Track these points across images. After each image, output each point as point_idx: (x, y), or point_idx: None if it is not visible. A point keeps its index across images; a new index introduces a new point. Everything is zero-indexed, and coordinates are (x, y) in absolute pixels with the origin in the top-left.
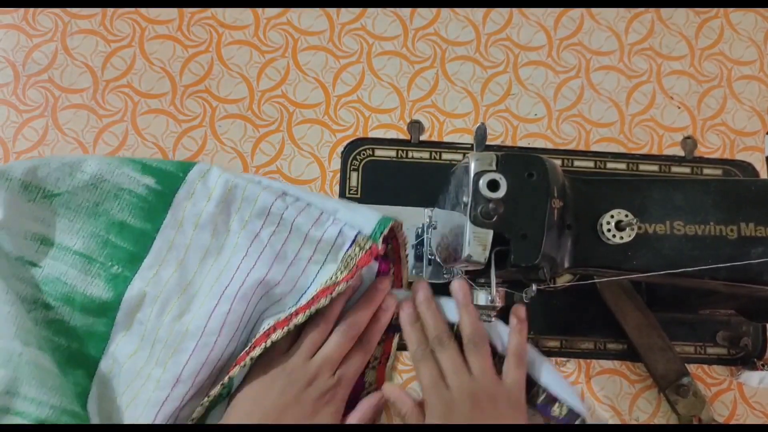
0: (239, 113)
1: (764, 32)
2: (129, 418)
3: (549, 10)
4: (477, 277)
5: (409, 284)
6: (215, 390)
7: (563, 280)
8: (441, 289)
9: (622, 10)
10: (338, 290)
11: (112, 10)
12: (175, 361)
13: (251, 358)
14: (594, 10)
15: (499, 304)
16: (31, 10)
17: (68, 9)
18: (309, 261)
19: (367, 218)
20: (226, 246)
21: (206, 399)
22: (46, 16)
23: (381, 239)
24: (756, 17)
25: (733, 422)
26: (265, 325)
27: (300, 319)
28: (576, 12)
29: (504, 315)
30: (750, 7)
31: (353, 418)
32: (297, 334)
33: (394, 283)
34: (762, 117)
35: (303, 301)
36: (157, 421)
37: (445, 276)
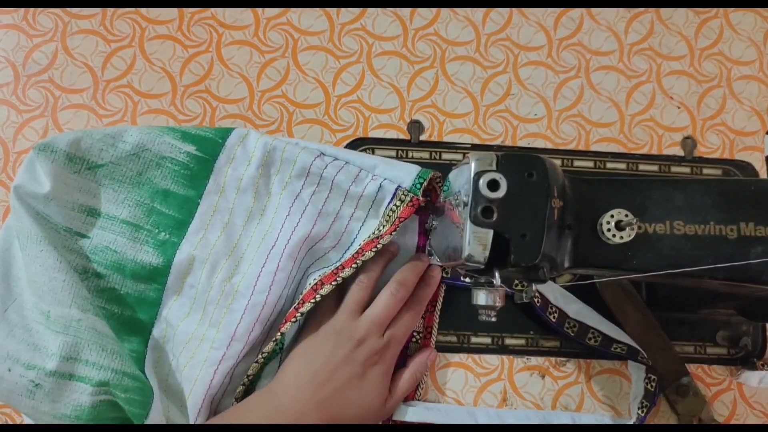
0: (239, 113)
1: (764, 32)
2: (187, 378)
3: (549, 10)
4: (477, 276)
5: None
6: (268, 346)
7: (563, 280)
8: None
9: (621, 10)
10: (382, 242)
11: (112, 10)
12: (229, 320)
13: (301, 314)
14: (594, 10)
15: (499, 303)
16: (31, 10)
17: (68, 9)
18: (351, 218)
19: (406, 172)
20: (268, 207)
21: (260, 356)
22: (46, 16)
23: (421, 191)
24: (755, 17)
25: (732, 422)
26: (311, 281)
27: (347, 272)
28: (576, 12)
29: (504, 314)
30: (749, 7)
31: (405, 377)
32: (343, 293)
33: (424, 256)
34: (761, 117)
35: (348, 255)
36: (216, 378)
37: (445, 276)
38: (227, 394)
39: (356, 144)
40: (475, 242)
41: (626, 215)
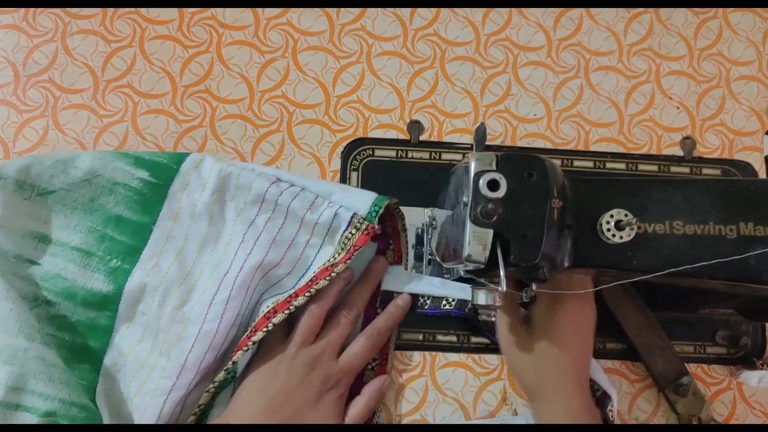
0: (239, 113)
1: (763, 32)
2: (137, 407)
3: (548, 10)
4: (477, 276)
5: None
6: (220, 375)
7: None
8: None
9: (621, 11)
10: (337, 270)
11: (112, 10)
12: (179, 349)
13: (253, 342)
14: (593, 10)
15: (499, 303)
16: (31, 10)
17: (68, 9)
18: (306, 244)
19: (362, 199)
20: (223, 234)
21: (212, 385)
22: (46, 17)
23: (377, 219)
24: (755, 18)
25: (732, 422)
26: (265, 308)
27: (300, 301)
28: (575, 12)
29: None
30: (749, 8)
31: (360, 405)
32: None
33: (394, 259)
34: (761, 117)
35: (302, 283)
36: (166, 408)
37: (445, 276)
38: (179, 423)
39: (356, 144)
40: (475, 242)
41: (626, 215)
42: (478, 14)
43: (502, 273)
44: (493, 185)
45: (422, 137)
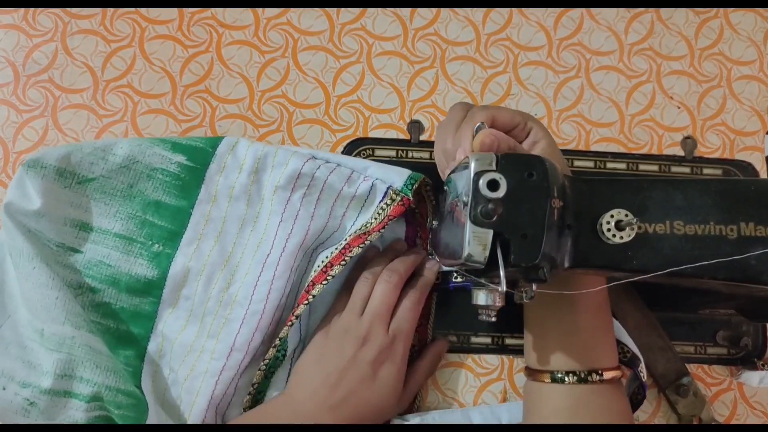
0: (239, 113)
1: (764, 32)
2: (188, 390)
3: (549, 10)
4: (477, 276)
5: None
6: (269, 353)
7: None
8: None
9: (621, 10)
10: (371, 239)
11: (112, 10)
12: (228, 330)
13: (296, 317)
14: (594, 10)
15: (499, 303)
16: (31, 10)
17: (68, 9)
18: (343, 217)
19: (397, 173)
20: (261, 214)
21: (262, 363)
22: (46, 16)
23: (412, 192)
24: (756, 17)
25: (733, 422)
26: (305, 283)
27: (336, 270)
28: (576, 12)
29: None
30: (750, 7)
31: (422, 367)
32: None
33: (422, 246)
34: (762, 117)
35: (336, 252)
36: (218, 389)
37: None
38: (233, 405)
39: (356, 144)
40: (475, 242)
41: (626, 215)
42: (478, 14)
43: (502, 273)
44: (493, 185)
45: (422, 137)
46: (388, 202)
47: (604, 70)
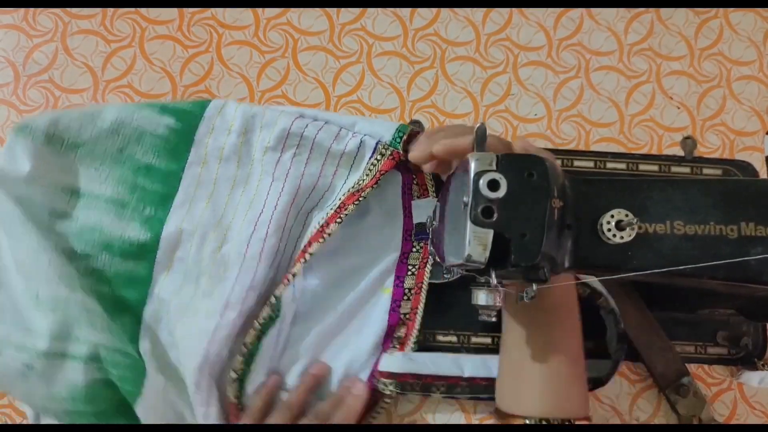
0: None
1: (763, 32)
2: (184, 350)
3: (549, 10)
4: (477, 276)
5: (435, 193)
6: (264, 312)
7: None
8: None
9: (621, 11)
10: (364, 195)
11: (112, 10)
12: (222, 288)
13: (293, 275)
14: (594, 10)
15: (499, 303)
16: (31, 10)
17: (68, 9)
18: (334, 176)
19: (386, 127)
20: (252, 174)
21: (256, 322)
22: (46, 17)
23: (401, 145)
24: (755, 17)
25: (733, 422)
26: (301, 245)
27: (332, 228)
28: (576, 12)
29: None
30: (749, 8)
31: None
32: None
33: (420, 193)
34: (761, 117)
35: (331, 212)
36: (212, 350)
37: (445, 276)
38: (227, 369)
39: None
40: (475, 242)
41: (626, 215)
42: (478, 14)
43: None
44: (493, 185)
45: None
46: (378, 157)
47: (604, 70)
